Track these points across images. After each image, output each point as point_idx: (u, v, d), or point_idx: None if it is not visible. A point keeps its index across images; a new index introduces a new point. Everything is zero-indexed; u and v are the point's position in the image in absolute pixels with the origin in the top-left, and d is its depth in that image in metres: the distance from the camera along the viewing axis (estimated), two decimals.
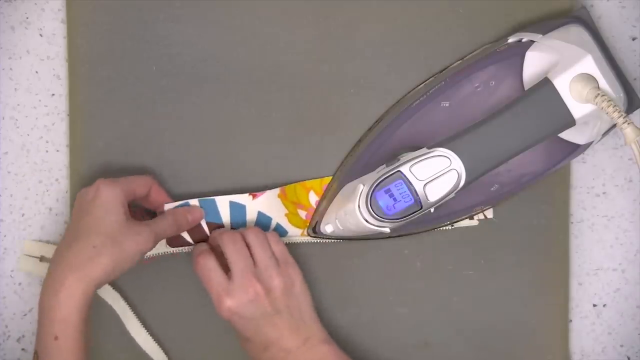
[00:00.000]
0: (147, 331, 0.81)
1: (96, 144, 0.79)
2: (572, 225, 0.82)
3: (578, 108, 0.70)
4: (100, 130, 0.79)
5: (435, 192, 0.72)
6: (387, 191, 0.73)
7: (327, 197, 0.79)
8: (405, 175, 0.72)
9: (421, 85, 0.79)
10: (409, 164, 0.72)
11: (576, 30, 0.74)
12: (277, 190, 0.80)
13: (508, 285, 0.81)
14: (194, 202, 0.79)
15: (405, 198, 0.72)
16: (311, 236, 0.79)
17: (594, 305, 0.83)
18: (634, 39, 0.82)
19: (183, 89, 0.79)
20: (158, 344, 0.81)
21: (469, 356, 0.82)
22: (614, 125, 0.75)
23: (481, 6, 0.79)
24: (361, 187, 0.73)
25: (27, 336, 0.82)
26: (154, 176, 0.78)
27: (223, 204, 0.80)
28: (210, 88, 0.79)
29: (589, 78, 0.70)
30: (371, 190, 0.73)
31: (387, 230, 0.74)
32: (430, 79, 0.79)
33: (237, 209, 0.80)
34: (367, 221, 0.73)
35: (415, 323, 0.82)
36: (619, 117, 0.68)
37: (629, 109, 0.76)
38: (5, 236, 0.81)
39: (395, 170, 0.72)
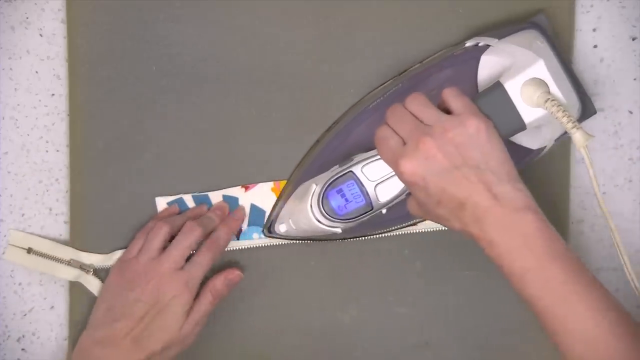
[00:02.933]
0: None
1: (96, 144, 0.79)
2: (572, 225, 0.82)
3: (529, 112, 0.70)
4: (100, 130, 0.79)
5: (386, 193, 0.73)
6: (339, 191, 0.74)
7: (283, 197, 0.79)
8: (356, 176, 0.73)
9: (379, 88, 0.79)
10: (360, 165, 0.73)
11: (532, 36, 0.75)
12: (270, 184, 0.80)
13: (508, 285, 0.81)
14: (188, 197, 0.80)
15: (357, 198, 0.74)
16: (267, 236, 0.80)
17: None
18: (634, 39, 0.82)
19: (183, 89, 0.79)
20: None
21: (469, 356, 0.82)
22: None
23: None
24: (314, 187, 0.75)
25: (27, 336, 0.82)
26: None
27: (216, 198, 0.80)
28: (210, 88, 0.79)
29: (540, 83, 0.70)
30: (323, 190, 0.74)
31: (339, 230, 0.75)
32: (389, 81, 0.79)
33: (230, 202, 0.80)
34: (318, 221, 0.75)
35: (415, 323, 0.82)
36: (568, 122, 0.68)
37: (584, 116, 0.76)
38: (5, 236, 0.81)
39: (348, 170, 0.74)
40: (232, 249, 0.80)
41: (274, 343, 0.81)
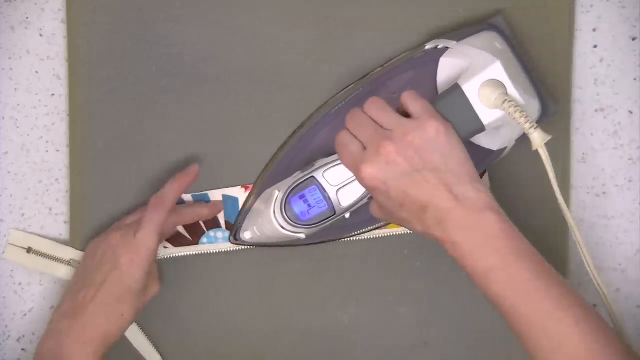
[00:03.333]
0: (144, 334, 0.81)
1: (96, 144, 0.79)
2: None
3: (487, 114, 0.70)
4: (100, 130, 0.79)
5: (347, 198, 0.74)
6: (302, 197, 0.74)
7: (248, 203, 0.79)
8: (318, 181, 0.74)
9: (341, 92, 0.79)
10: (322, 170, 0.74)
11: (490, 37, 0.75)
12: None
13: None
14: (188, 197, 0.80)
15: (319, 204, 0.74)
16: (232, 243, 0.80)
17: (594, 305, 0.83)
18: (634, 39, 0.82)
19: (183, 89, 0.79)
20: (154, 347, 0.81)
21: (469, 356, 0.82)
22: None
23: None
24: (276, 193, 0.75)
25: (27, 336, 0.82)
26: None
27: (216, 198, 0.80)
28: (210, 88, 0.79)
29: (498, 84, 0.70)
30: (286, 197, 0.74)
31: (303, 236, 0.75)
32: (351, 86, 0.79)
33: (230, 202, 0.80)
34: (282, 227, 0.75)
35: (415, 323, 0.82)
36: (526, 122, 0.68)
37: (544, 116, 0.76)
38: (5, 236, 0.81)
39: (309, 176, 0.74)
40: (231, 249, 0.80)
41: (274, 343, 0.81)
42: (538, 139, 0.69)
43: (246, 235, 0.78)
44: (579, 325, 0.63)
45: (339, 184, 0.74)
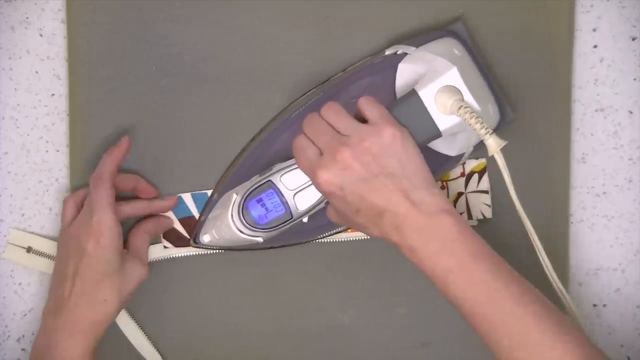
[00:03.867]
0: (145, 334, 0.81)
1: (96, 144, 0.79)
2: (572, 225, 0.82)
3: (443, 119, 0.70)
4: (100, 130, 0.79)
5: (304, 202, 0.74)
6: (259, 201, 0.74)
7: (208, 206, 0.79)
8: (275, 185, 0.74)
9: (302, 97, 0.79)
10: (279, 174, 0.74)
11: (448, 43, 0.75)
12: None
13: None
14: (187, 196, 0.80)
15: (277, 207, 0.74)
16: (193, 246, 0.80)
17: (594, 305, 0.83)
18: (634, 39, 0.82)
19: (183, 89, 0.79)
20: (155, 347, 0.81)
21: (469, 356, 0.82)
22: None
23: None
24: (234, 197, 0.75)
25: (27, 336, 0.82)
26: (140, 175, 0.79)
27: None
28: (210, 88, 0.79)
29: (454, 90, 0.70)
30: (243, 200, 0.74)
31: (260, 240, 0.75)
32: (312, 90, 0.79)
33: None
34: (240, 231, 0.75)
35: (415, 323, 0.82)
36: (481, 128, 0.68)
37: (502, 123, 0.76)
38: (5, 236, 0.81)
39: (266, 179, 0.74)
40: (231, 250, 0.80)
41: (274, 343, 0.81)
42: (493, 144, 0.69)
43: (205, 238, 0.78)
44: (539, 322, 0.63)
45: (296, 188, 0.74)
